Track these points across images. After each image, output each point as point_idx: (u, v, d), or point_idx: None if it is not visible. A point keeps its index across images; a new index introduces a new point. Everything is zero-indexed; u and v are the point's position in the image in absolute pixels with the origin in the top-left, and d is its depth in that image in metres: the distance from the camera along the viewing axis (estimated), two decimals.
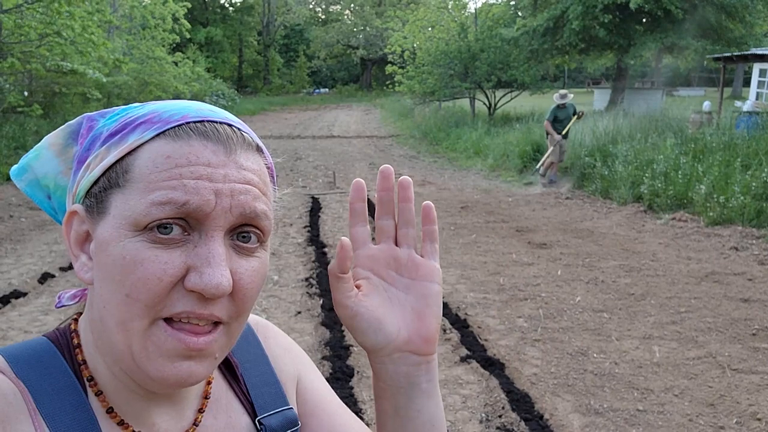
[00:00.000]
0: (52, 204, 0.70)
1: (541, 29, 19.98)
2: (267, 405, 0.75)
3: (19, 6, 12.56)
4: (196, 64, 31.58)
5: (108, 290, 0.58)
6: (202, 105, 0.64)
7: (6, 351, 0.62)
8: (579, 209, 9.56)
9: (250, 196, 0.60)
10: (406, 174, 8.64)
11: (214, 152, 0.59)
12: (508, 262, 6.69)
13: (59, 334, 0.66)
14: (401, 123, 25.18)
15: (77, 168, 0.64)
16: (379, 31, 49.19)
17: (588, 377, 4.10)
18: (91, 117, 0.67)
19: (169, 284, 0.57)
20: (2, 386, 0.58)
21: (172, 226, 0.57)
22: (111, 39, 20.26)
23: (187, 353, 0.58)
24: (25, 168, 0.69)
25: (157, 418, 0.66)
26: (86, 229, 0.62)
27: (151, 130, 0.60)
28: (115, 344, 0.59)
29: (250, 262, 0.61)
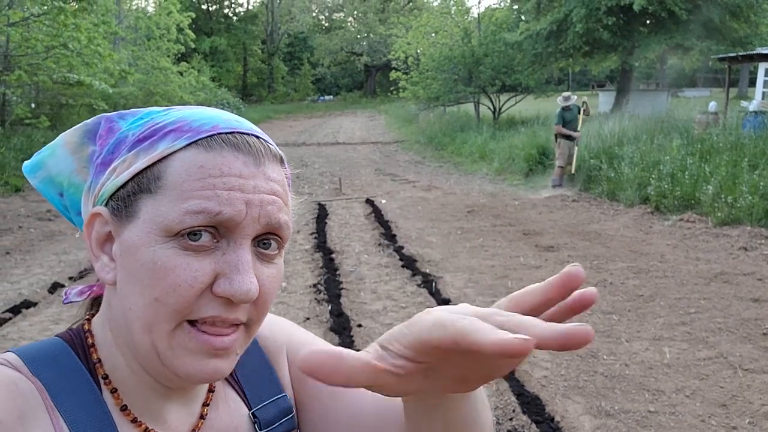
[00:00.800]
0: (63, 201, 0.71)
1: (544, 33, 19.99)
2: (260, 396, 0.76)
3: (26, 19, 12.67)
4: (201, 73, 31.72)
5: (135, 293, 0.60)
6: (229, 115, 0.66)
7: (21, 350, 0.64)
8: (586, 211, 9.54)
9: (276, 207, 0.62)
10: (412, 179, 8.72)
11: (245, 164, 0.61)
12: (515, 265, 6.68)
13: (73, 334, 0.67)
14: (406, 129, 25.21)
15: (100, 170, 0.65)
16: (382, 38, 49.34)
17: (598, 379, 4.08)
18: (110, 118, 0.68)
19: (199, 290, 0.59)
20: (20, 384, 0.60)
21: (201, 233, 0.59)
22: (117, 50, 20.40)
23: (212, 352, 0.61)
24: (38, 165, 0.70)
25: (168, 414, 0.68)
26: (108, 231, 0.64)
27: (182, 139, 0.61)
28: (140, 344, 0.61)
29: (270, 269, 0.64)
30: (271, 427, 0.75)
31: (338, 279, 6.29)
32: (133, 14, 25.85)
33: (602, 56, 22.21)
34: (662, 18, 18.67)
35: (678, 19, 18.22)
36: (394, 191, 11.92)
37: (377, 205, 10.40)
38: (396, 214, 9.62)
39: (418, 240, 7.89)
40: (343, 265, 6.82)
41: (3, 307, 5.46)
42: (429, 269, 6.54)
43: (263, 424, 0.74)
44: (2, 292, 5.95)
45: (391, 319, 5.21)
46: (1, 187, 11.42)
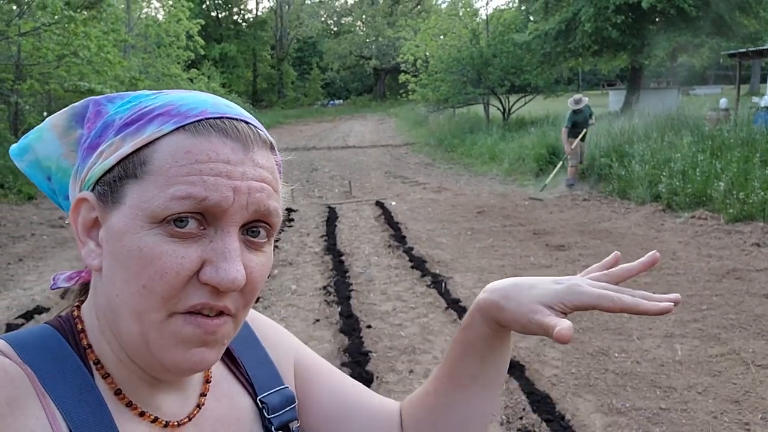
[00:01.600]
0: (51, 185, 0.71)
1: (553, 32, 19.93)
2: (265, 385, 0.77)
3: (37, 29, 12.80)
4: (211, 80, 31.88)
5: (122, 280, 0.59)
6: (218, 99, 0.65)
7: (10, 337, 0.63)
8: (597, 210, 9.49)
9: (265, 194, 0.62)
10: (422, 181, 8.72)
11: (233, 150, 0.60)
12: (526, 265, 6.66)
13: (62, 320, 0.66)
14: (416, 131, 25.21)
15: (87, 154, 0.64)
16: (391, 41, 49.41)
17: (609, 377, 4.06)
18: (98, 101, 0.67)
19: (186, 278, 0.58)
20: (9, 370, 0.58)
21: (188, 219, 0.58)
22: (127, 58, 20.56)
23: (203, 338, 0.60)
24: (25, 148, 0.70)
25: (161, 402, 0.67)
26: (95, 216, 0.63)
27: (169, 123, 0.60)
28: (128, 333, 0.60)
29: (259, 257, 0.63)
30: (277, 414, 0.75)
31: (348, 281, 6.30)
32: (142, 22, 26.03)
33: (612, 55, 22.09)
34: (671, 15, 18.56)
35: (687, 16, 18.10)
36: (404, 193, 11.92)
37: (387, 207, 10.40)
38: (406, 215, 9.62)
39: (428, 241, 7.88)
40: (353, 267, 6.83)
41: (16, 312, 5.52)
42: (439, 270, 6.53)
43: (270, 410, 0.75)
44: (15, 298, 6.00)
45: (401, 319, 5.21)
46: (14, 195, 11.54)
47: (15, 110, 14.57)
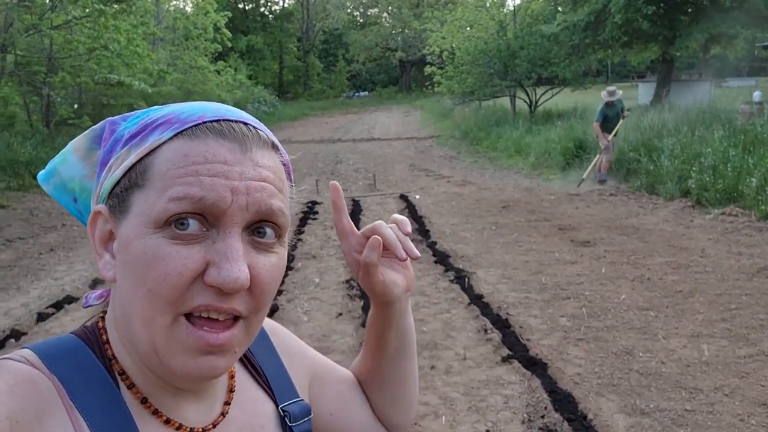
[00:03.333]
0: (78, 207, 0.73)
1: (582, 24, 19.62)
2: (284, 395, 0.78)
3: (68, 22, 13.00)
4: (238, 72, 32.15)
5: (131, 287, 0.60)
6: (220, 105, 0.66)
7: (37, 347, 0.64)
8: (624, 205, 9.36)
9: (266, 194, 0.62)
10: (446, 174, 8.71)
11: (231, 150, 0.61)
12: (550, 260, 6.60)
13: (88, 331, 0.68)
14: (441, 124, 25.10)
15: (101, 170, 0.66)
16: (417, 33, 49.15)
17: (633, 377, 4.01)
18: (114, 121, 0.69)
19: (190, 279, 0.59)
20: (37, 382, 0.59)
21: (188, 221, 0.59)
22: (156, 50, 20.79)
23: (208, 349, 0.60)
24: (51, 172, 0.72)
25: (186, 410, 0.68)
26: (110, 229, 0.64)
27: (169, 130, 0.62)
28: (139, 340, 0.61)
29: (269, 258, 0.63)
30: (298, 422, 0.77)
31: None
32: (171, 15, 26.28)
33: (642, 47, 21.68)
34: (704, 6, 18.15)
35: (721, 7, 17.68)
36: (428, 187, 11.88)
37: (411, 200, 10.38)
38: (430, 209, 9.59)
39: (451, 236, 7.86)
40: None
41: (47, 302, 5.64)
42: (462, 265, 6.51)
43: (292, 418, 0.76)
44: (46, 288, 6.14)
45: (423, 314, 5.21)
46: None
47: (47, 102, 14.83)
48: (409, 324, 0.87)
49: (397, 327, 0.84)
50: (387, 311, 0.82)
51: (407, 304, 0.85)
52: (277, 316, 5.21)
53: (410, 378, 0.91)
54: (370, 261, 0.75)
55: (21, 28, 12.09)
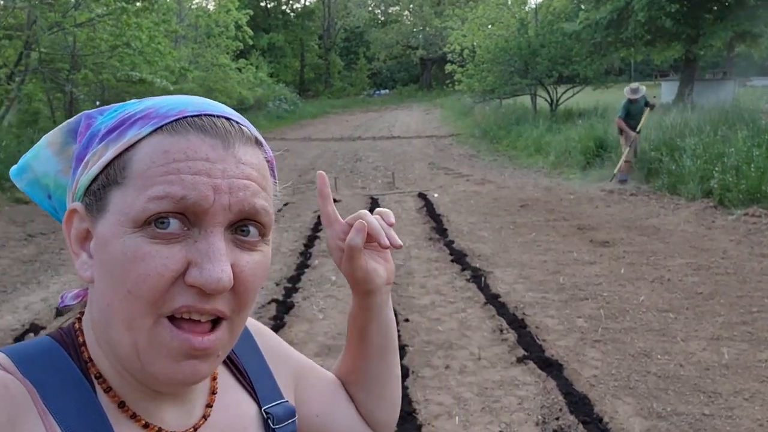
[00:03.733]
0: (52, 203, 0.70)
1: (604, 22, 19.39)
2: (268, 396, 0.76)
3: (91, 20, 13.14)
4: (259, 69, 32.26)
5: (110, 287, 0.58)
6: (201, 99, 0.64)
7: (11, 350, 0.61)
8: (644, 206, 9.25)
9: (249, 192, 0.60)
10: (465, 173, 8.70)
11: (213, 147, 0.59)
12: (568, 260, 6.54)
13: (63, 333, 0.65)
14: (461, 122, 25.00)
15: (76, 166, 0.64)
16: (438, 31, 49.00)
17: (651, 379, 3.95)
18: (90, 115, 0.67)
19: (170, 279, 0.57)
20: (10, 386, 0.57)
21: (169, 220, 0.57)
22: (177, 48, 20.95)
23: (192, 353, 0.59)
24: (24, 167, 0.69)
25: (165, 414, 0.66)
26: (86, 227, 0.62)
27: (148, 125, 0.60)
28: (120, 343, 0.59)
29: (252, 256, 0.61)
30: (282, 425, 0.75)
31: None
32: (193, 13, 26.46)
33: (665, 45, 21.37)
34: (729, 4, 17.85)
35: (745, 5, 17.38)
36: (447, 185, 11.84)
37: (429, 199, 10.35)
38: (448, 208, 9.56)
39: (469, 234, 7.82)
40: (392, 259, 6.82)
41: None
42: (479, 264, 6.47)
43: (276, 420, 0.74)
44: (66, 283, 6.22)
45: (439, 314, 5.18)
46: None
47: (70, 99, 15.01)
48: (390, 319, 0.88)
49: (378, 321, 0.85)
50: (368, 303, 0.83)
51: (388, 298, 0.86)
52: (293, 314, 5.22)
53: (394, 376, 0.91)
54: (355, 244, 0.77)
55: (45, 26, 12.24)
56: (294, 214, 9.52)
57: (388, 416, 0.92)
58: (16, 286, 6.16)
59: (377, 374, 0.89)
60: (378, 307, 0.84)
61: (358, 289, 0.82)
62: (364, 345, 0.87)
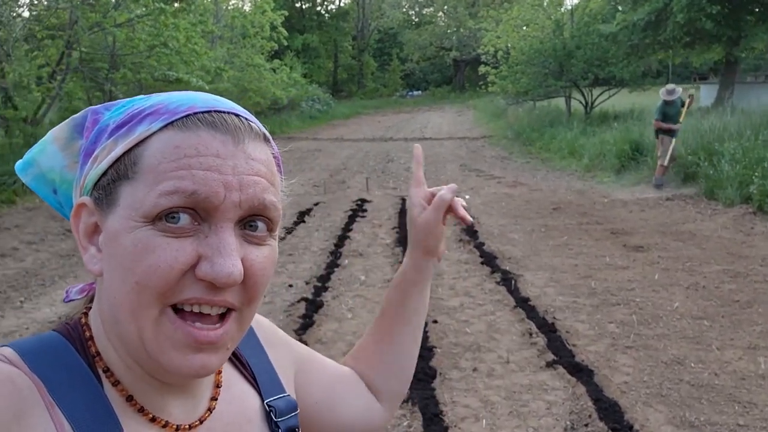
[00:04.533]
0: (57, 198, 0.71)
1: (641, 23, 19.06)
2: (270, 390, 0.77)
3: (131, 20, 13.41)
4: (293, 70, 32.50)
5: (118, 280, 0.59)
6: (208, 95, 0.64)
7: (18, 345, 0.62)
8: (681, 211, 9.06)
9: (259, 188, 0.60)
10: (497, 175, 8.66)
11: (223, 142, 0.60)
12: (600, 265, 6.44)
13: (70, 327, 0.66)
14: (494, 124, 24.85)
15: (84, 161, 0.65)
16: (472, 32, 48.74)
17: (684, 388, 3.87)
18: (96, 110, 0.68)
19: (180, 272, 0.57)
20: (17, 380, 0.58)
21: (179, 214, 0.57)
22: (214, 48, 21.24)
23: (197, 346, 0.59)
24: (30, 162, 0.70)
25: (172, 407, 0.66)
26: (95, 221, 0.63)
27: (158, 121, 0.60)
28: (128, 334, 0.60)
29: (261, 250, 0.62)
30: (284, 418, 0.76)
31: None
32: (230, 14, 26.79)
33: (705, 47, 20.92)
34: None
35: None
36: (478, 187, 11.78)
37: (460, 200, 10.28)
38: (479, 210, 9.50)
39: (499, 237, 7.76)
40: None
41: None
42: (509, 267, 6.42)
43: (278, 413, 0.75)
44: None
45: (468, 316, 5.16)
46: None
47: (109, 98, 15.33)
48: (428, 294, 0.98)
49: (422, 286, 0.96)
50: (423, 264, 0.95)
51: (432, 274, 0.98)
52: (322, 312, 5.25)
53: (415, 350, 0.99)
54: (446, 198, 0.91)
55: (86, 26, 12.51)
56: (324, 214, 9.56)
57: (399, 388, 0.98)
58: (54, 279, 6.31)
59: (405, 342, 0.96)
60: (428, 273, 0.96)
61: (422, 247, 0.93)
62: (403, 309, 0.95)
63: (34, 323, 5.01)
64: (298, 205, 10.12)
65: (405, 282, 0.95)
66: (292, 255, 7.12)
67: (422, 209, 0.92)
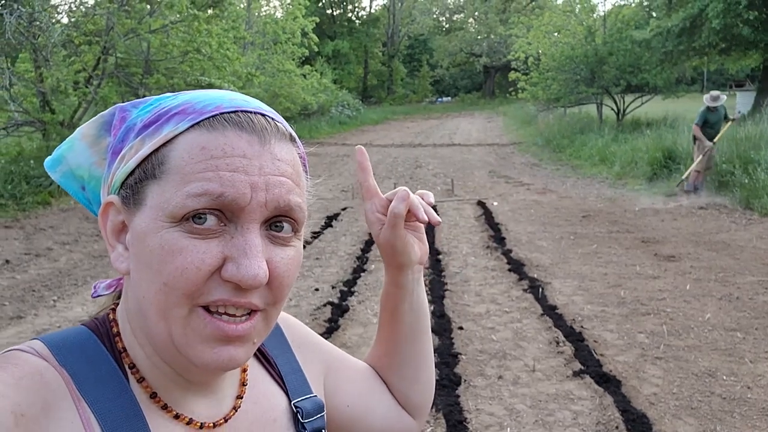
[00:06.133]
0: (86, 195, 0.72)
1: (676, 29, 18.78)
2: (297, 390, 0.77)
3: (165, 26, 13.65)
4: (324, 76, 32.74)
5: (146, 279, 0.59)
6: (235, 95, 0.65)
7: (48, 339, 0.63)
8: (714, 220, 8.88)
9: (285, 189, 0.61)
10: (526, 181, 8.58)
11: (249, 142, 0.60)
12: (630, 274, 6.34)
13: (98, 323, 0.67)
14: (524, 130, 24.67)
15: (112, 159, 0.65)
16: (502, 38, 48.57)
17: (715, 401, 3.78)
18: (124, 108, 0.68)
19: (207, 273, 0.58)
20: (45, 374, 0.59)
21: (206, 216, 0.58)
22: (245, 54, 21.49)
23: (225, 339, 0.60)
24: (59, 159, 0.71)
25: (196, 406, 0.67)
26: (122, 220, 0.63)
27: (185, 121, 0.61)
28: (156, 332, 0.61)
29: (286, 251, 0.62)
30: (311, 419, 0.76)
31: (443, 280, 6.26)
32: (262, 20, 27.10)
33: (741, 54, 20.53)
34: None
35: None
36: (506, 194, 11.70)
37: (488, 207, 10.24)
38: (507, 216, 9.43)
39: (527, 244, 7.69)
40: (449, 267, 6.78)
41: None
42: (537, 274, 6.35)
43: (305, 414, 0.75)
44: None
45: (494, 323, 5.12)
46: None
47: None
48: (422, 299, 0.90)
49: (410, 300, 0.87)
50: (400, 279, 0.86)
51: (420, 276, 0.89)
52: (348, 317, 5.25)
53: (427, 357, 0.92)
54: (398, 212, 0.80)
55: (121, 32, 12.77)
56: (352, 219, 9.59)
57: (423, 398, 0.93)
58: (86, 279, 6.43)
59: (410, 356, 0.90)
60: (410, 285, 0.87)
61: (393, 264, 0.85)
62: (396, 325, 0.89)
63: (66, 322, 5.11)
64: (326, 210, 10.16)
65: (390, 300, 0.88)
66: (319, 259, 7.15)
67: (380, 225, 0.83)
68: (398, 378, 0.91)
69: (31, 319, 5.22)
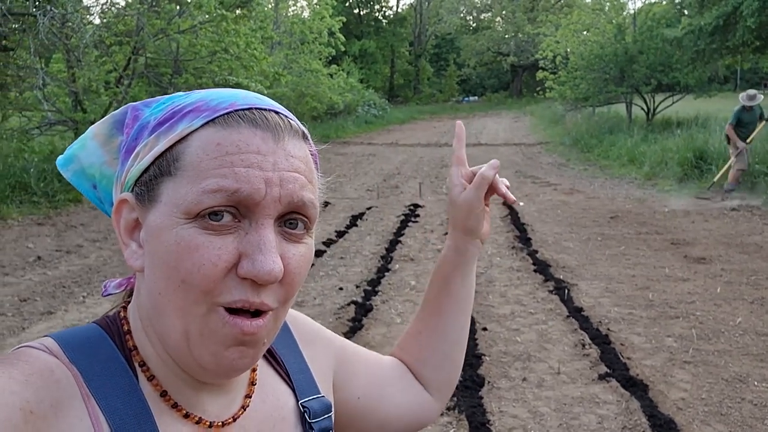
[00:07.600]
0: (97, 194, 0.72)
1: (709, 28, 18.40)
2: (304, 390, 0.77)
3: (194, 27, 13.80)
4: (350, 75, 32.82)
5: (162, 277, 0.60)
6: (249, 93, 0.65)
7: (59, 336, 0.63)
8: (747, 222, 8.69)
9: (298, 185, 0.61)
10: (553, 182, 8.51)
11: (264, 139, 0.60)
12: (659, 276, 6.23)
13: (109, 320, 0.67)
14: (551, 130, 24.43)
15: (125, 157, 0.66)
16: (530, 37, 48.16)
17: (746, 407, 3.70)
18: (136, 107, 0.69)
19: (224, 270, 0.58)
20: (56, 371, 0.59)
21: (222, 213, 0.58)
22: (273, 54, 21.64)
23: (240, 338, 0.60)
24: (70, 158, 0.71)
25: (206, 404, 0.67)
26: (136, 217, 0.64)
27: (199, 118, 0.61)
28: (171, 330, 0.61)
29: (298, 248, 0.62)
30: (318, 419, 0.75)
31: None
32: (289, 20, 27.26)
33: None
34: None
35: None
36: (533, 194, 11.60)
37: (514, 207, 10.17)
38: (533, 217, 9.35)
39: (554, 245, 7.61)
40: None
41: None
42: (563, 275, 6.28)
43: (312, 414, 0.75)
44: None
45: (518, 324, 5.07)
46: None
47: None
48: (472, 278, 0.95)
49: (465, 271, 0.93)
50: (463, 245, 0.92)
51: (476, 256, 0.94)
52: (371, 317, 5.25)
53: (462, 338, 0.96)
54: (488, 175, 0.88)
55: (151, 33, 12.93)
56: (377, 218, 9.59)
57: (449, 378, 0.96)
58: (115, 276, 6.49)
59: (451, 331, 0.94)
60: (470, 253, 0.92)
61: (462, 227, 0.91)
62: (445, 295, 0.93)
63: (95, 318, 5.19)
64: (351, 209, 10.18)
65: (446, 265, 0.93)
66: (343, 258, 7.17)
67: (462, 188, 0.90)
68: (431, 352, 0.94)
69: (62, 315, 5.31)
